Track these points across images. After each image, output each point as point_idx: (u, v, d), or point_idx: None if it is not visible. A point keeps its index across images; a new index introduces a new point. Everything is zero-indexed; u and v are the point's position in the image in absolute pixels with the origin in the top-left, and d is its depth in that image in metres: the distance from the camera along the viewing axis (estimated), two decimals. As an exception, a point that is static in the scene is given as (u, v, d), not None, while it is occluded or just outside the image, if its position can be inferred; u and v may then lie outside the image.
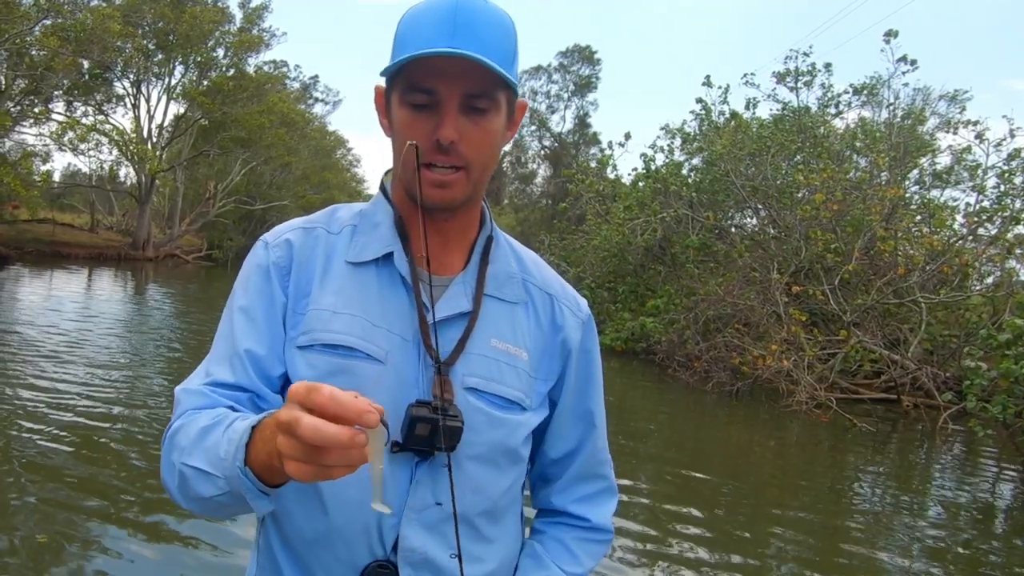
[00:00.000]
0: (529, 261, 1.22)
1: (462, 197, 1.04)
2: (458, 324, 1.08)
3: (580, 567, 1.20)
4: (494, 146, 1.04)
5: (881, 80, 16.71)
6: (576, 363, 1.19)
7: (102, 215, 37.32)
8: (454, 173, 1.00)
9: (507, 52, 0.99)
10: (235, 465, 0.84)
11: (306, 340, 1.04)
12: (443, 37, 0.94)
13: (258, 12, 34.09)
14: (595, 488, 1.26)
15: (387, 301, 1.07)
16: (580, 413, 1.22)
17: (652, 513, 5.53)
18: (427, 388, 1.03)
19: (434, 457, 1.02)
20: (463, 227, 1.13)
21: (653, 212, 15.78)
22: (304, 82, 48.60)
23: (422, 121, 0.98)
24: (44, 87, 23.69)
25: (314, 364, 1.03)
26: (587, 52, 45.40)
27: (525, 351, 1.12)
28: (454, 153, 0.98)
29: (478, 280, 1.11)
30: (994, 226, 12.57)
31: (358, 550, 1.02)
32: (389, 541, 1.03)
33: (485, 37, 0.96)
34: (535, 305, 1.17)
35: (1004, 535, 6.05)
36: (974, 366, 7.36)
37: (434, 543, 1.04)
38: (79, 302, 15.40)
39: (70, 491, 4.74)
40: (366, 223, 1.12)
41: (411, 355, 1.04)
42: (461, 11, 0.96)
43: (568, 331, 1.18)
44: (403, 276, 1.07)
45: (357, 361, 1.03)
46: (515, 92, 1.04)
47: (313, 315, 1.05)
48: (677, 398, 10.95)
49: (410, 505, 1.02)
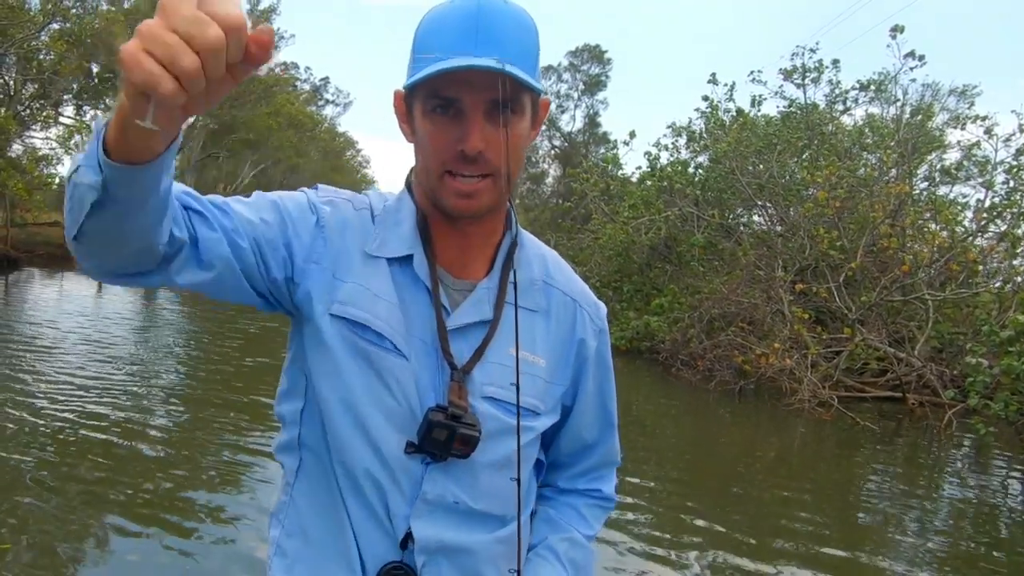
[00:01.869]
0: (553, 263, 1.21)
1: (489, 205, 1.02)
2: (478, 331, 1.08)
3: (591, 529, 1.25)
4: (520, 150, 1.02)
5: (889, 76, 16.55)
6: (593, 369, 1.21)
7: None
8: (480, 181, 0.99)
9: (530, 54, 0.98)
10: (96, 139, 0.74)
11: (341, 311, 1.03)
12: (466, 44, 0.93)
13: (266, 15, 34.25)
14: (605, 471, 1.32)
15: (408, 301, 1.06)
16: (599, 413, 1.25)
17: (655, 511, 5.49)
18: (443, 392, 1.04)
19: (448, 460, 1.03)
20: (487, 232, 1.12)
21: (657, 211, 15.69)
22: (315, 84, 48.80)
23: (447, 130, 0.97)
24: (53, 91, 23.87)
25: (345, 337, 1.03)
26: (597, 51, 45.27)
27: (543, 358, 1.14)
28: (481, 162, 0.97)
29: (500, 287, 1.10)
30: (1004, 222, 12.41)
31: (373, 543, 1.05)
32: (400, 533, 1.04)
33: (508, 40, 0.95)
34: (556, 310, 1.17)
35: (1011, 536, 5.95)
36: (975, 363, 7.24)
37: (448, 529, 1.06)
38: (88, 303, 15.50)
39: (74, 489, 4.75)
40: (389, 217, 1.11)
41: (430, 358, 1.05)
42: (484, 15, 0.94)
43: (587, 338, 1.19)
44: (423, 280, 1.07)
45: (385, 352, 1.03)
46: (539, 92, 1.02)
47: (355, 289, 1.04)
48: (680, 397, 10.88)
49: (424, 500, 1.04)
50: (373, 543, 1.05)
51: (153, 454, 5.64)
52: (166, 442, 5.92)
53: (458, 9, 0.95)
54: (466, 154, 0.96)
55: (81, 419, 6.38)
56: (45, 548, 3.92)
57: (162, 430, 6.36)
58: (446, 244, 1.09)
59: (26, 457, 5.33)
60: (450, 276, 1.09)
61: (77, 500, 4.62)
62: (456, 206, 1.00)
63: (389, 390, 1.03)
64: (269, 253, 1.02)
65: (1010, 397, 6.95)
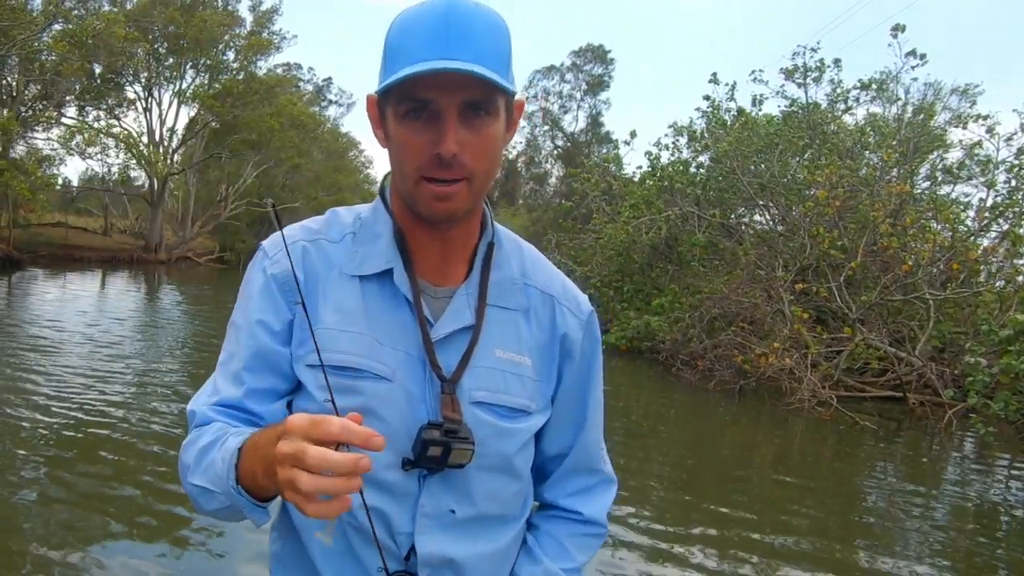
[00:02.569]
0: (531, 261, 1.19)
1: (465, 207, 1.01)
2: (462, 337, 1.07)
3: (572, 562, 1.20)
4: (495, 152, 1.01)
5: (890, 75, 16.49)
6: (574, 363, 1.18)
7: (116, 218, 37.65)
8: (455, 184, 0.98)
9: (502, 55, 0.97)
10: (228, 484, 0.91)
11: (315, 359, 1.02)
12: (437, 47, 0.92)
13: (268, 16, 34.29)
14: (588, 482, 1.26)
15: (390, 317, 1.06)
16: (575, 411, 1.21)
17: (656, 510, 5.49)
18: (434, 404, 1.04)
19: (444, 471, 1.03)
20: (465, 236, 1.11)
21: (657, 210, 15.66)
22: (317, 84, 48.84)
23: (421, 134, 0.96)
24: (55, 92, 23.93)
25: (323, 384, 1.02)
26: (600, 51, 45.26)
27: (529, 357, 1.12)
28: (456, 166, 0.96)
29: (480, 290, 1.10)
30: (1006, 221, 12.36)
31: (373, 562, 1.04)
32: (404, 549, 1.05)
33: (479, 42, 0.94)
34: (536, 309, 1.16)
35: (1010, 534, 5.93)
36: (974, 362, 7.21)
37: (450, 543, 1.06)
38: (91, 303, 15.53)
39: (78, 489, 4.79)
40: (366, 232, 1.10)
41: (417, 372, 1.04)
42: (453, 17, 0.93)
43: (569, 332, 1.17)
44: (404, 294, 1.06)
45: (365, 381, 1.02)
46: (512, 93, 1.01)
47: (319, 334, 1.02)
48: (680, 397, 10.87)
49: (424, 513, 1.04)
50: (375, 560, 1.04)
51: (158, 451, 5.70)
52: (171, 440, 5.96)
53: (428, 12, 0.95)
54: (442, 157, 0.95)
55: (85, 417, 6.44)
56: (51, 544, 3.94)
57: (167, 426, 6.41)
58: (426, 252, 1.09)
59: (31, 454, 5.37)
60: (430, 285, 1.09)
61: (82, 496, 4.66)
62: (432, 209, 1.00)
63: (379, 417, 1.02)
64: (284, 365, 1.08)
65: (1010, 397, 6.91)
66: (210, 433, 0.99)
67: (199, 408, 1.05)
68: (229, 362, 1.07)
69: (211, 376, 1.10)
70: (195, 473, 0.97)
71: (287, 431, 0.76)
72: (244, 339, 1.07)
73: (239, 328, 1.08)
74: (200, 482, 0.96)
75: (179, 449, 1.04)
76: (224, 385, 1.06)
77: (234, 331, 1.09)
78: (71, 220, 33.25)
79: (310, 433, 0.74)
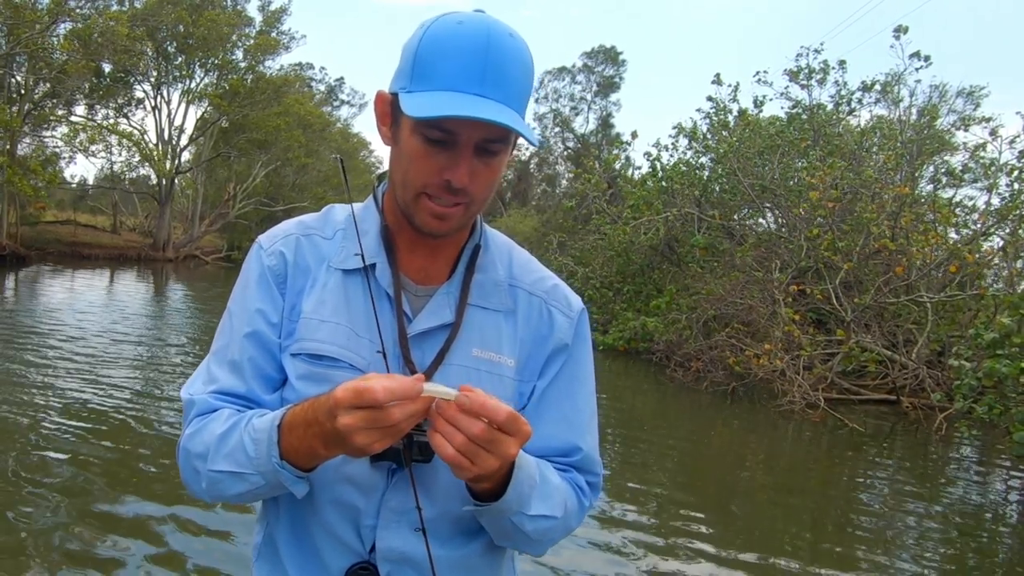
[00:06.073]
0: (519, 264, 1.20)
1: (459, 226, 1.06)
2: (440, 335, 1.08)
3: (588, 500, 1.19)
4: (498, 180, 1.05)
5: (894, 77, 16.36)
6: (563, 361, 1.18)
7: (125, 216, 37.93)
8: (455, 207, 1.01)
9: (526, 93, 1.00)
10: (271, 461, 0.95)
11: (296, 348, 1.07)
12: (472, 81, 0.94)
13: (277, 15, 34.43)
14: (579, 479, 1.21)
15: (371, 311, 1.07)
16: (565, 409, 1.18)
17: (656, 510, 5.51)
18: None
19: (412, 465, 1.03)
20: (453, 240, 1.13)
21: (656, 211, 15.59)
22: (330, 84, 49.03)
23: (435, 157, 0.98)
24: (63, 90, 24.12)
25: (300, 372, 1.07)
26: (611, 53, 45.15)
27: (512, 358, 1.12)
28: (461, 193, 0.99)
29: (462, 290, 1.11)
30: (1009, 224, 12.20)
31: (340, 551, 1.07)
32: (368, 543, 1.06)
33: (510, 82, 0.96)
34: (523, 310, 1.16)
35: (1003, 538, 5.88)
36: (958, 365, 7.11)
37: (413, 540, 1.05)
38: (97, 301, 15.66)
39: (87, 478, 4.88)
40: (354, 228, 1.12)
41: (391, 366, 1.05)
42: (492, 51, 0.95)
43: (558, 332, 1.17)
44: (385, 288, 1.09)
45: (339, 371, 1.04)
46: (534, 145, 1.07)
47: (303, 323, 1.08)
48: (673, 398, 10.83)
49: (388, 508, 1.05)
50: (340, 555, 1.07)
51: (162, 447, 5.74)
52: (172, 439, 6.03)
53: (467, 37, 0.95)
54: (452, 185, 0.98)
55: (93, 410, 6.53)
56: (57, 535, 4.02)
57: (172, 421, 6.48)
58: (412, 251, 1.11)
59: (34, 450, 5.43)
60: (413, 283, 1.11)
61: (87, 491, 4.71)
62: (428, 225, 1.03)
63: None
64: (279, 354, 1.10)
65: (995, 400, 6.81)
66: (222, 420, 1.02)
67: (198, 396, 1.07)
68: (225, 350, 1.10)
69: (203, 362, 1.13)
70: (216, 459, 1.00)
71: (336, 403, 0.85)
72: (242, 327, 1.09)
73: (236, 317, 1.11)
74: (225, 467, 0.99)
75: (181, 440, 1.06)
76: (222, 373, 1.08)
77: (230, 320, 1.12)
78: (83, 218, 33.55)
79: (358, 399, 0.83)
